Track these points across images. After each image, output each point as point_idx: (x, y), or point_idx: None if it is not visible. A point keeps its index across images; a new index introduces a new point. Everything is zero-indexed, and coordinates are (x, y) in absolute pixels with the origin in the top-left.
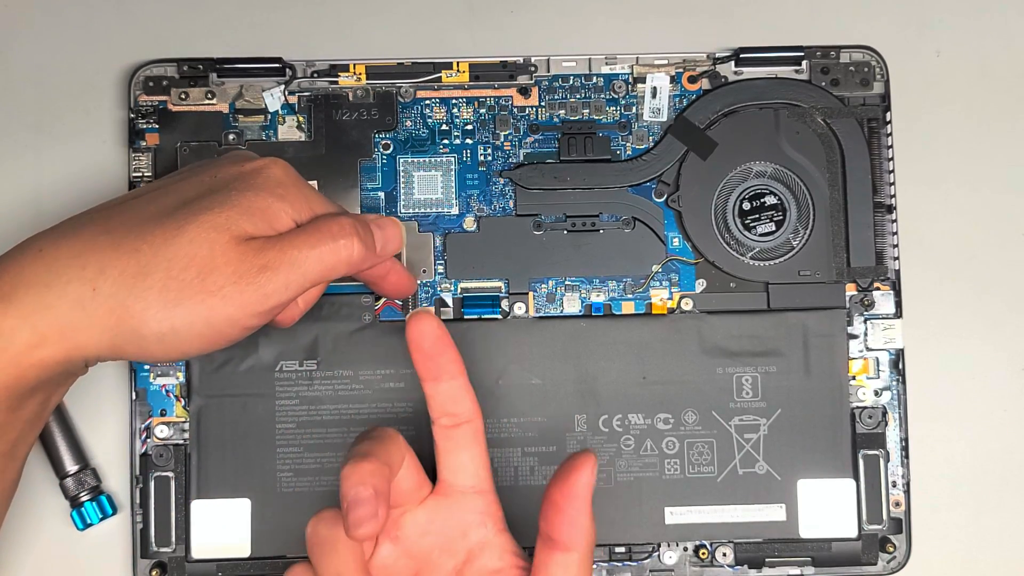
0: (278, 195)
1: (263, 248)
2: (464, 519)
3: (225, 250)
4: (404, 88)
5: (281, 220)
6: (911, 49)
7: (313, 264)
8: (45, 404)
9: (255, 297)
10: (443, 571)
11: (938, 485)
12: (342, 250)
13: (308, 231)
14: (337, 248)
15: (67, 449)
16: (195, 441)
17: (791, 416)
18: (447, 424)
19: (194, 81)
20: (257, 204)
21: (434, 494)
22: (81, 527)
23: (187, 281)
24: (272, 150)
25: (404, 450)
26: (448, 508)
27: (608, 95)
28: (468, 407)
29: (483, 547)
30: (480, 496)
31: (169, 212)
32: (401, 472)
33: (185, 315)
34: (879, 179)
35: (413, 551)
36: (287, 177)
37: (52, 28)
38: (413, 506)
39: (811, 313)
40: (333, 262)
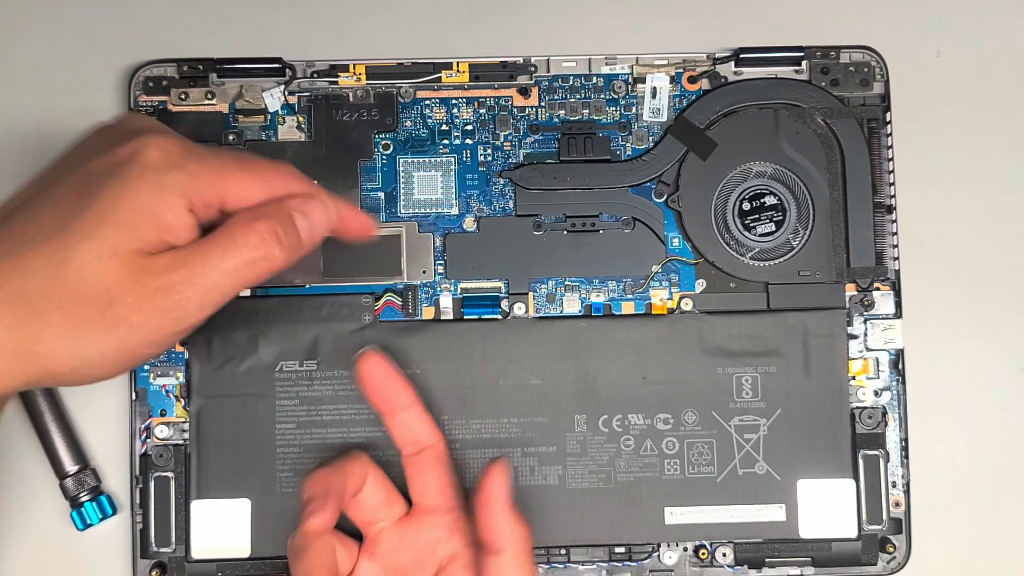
0: (161, 188)
1: (167, 268)
2: (433, 535)
3: (119, 279)
4: (404, 88)
5: (172, 223)
6: (911, 49)
7: (229, 280)
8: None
9: (166, 321)
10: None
11: (938, 485)
12: (260, 263)
13: (220, 242)
14: (255, 261)
15: (67, 449)
16: (195, 441)
17: (791, 416)
18: (410, 452)
19: (194, 81)
20: (138, 211)
21: (407, 515)
22: (81, 527)
23: (87, 317)
24: (272, 150)
25: (367, 466)
26: (418, 527)
27: (608, 95)
28: (426, 433)
29: (451, 559)
30: (447, 514)
31: (46, 235)
32: (368, 488)
33: (94, 348)
34: (879, 179)
35: (390, 567)
36: (168, 158)
37: (52, 28)
38: (388, 523)
39: (811, 313)
40: (251, 275)
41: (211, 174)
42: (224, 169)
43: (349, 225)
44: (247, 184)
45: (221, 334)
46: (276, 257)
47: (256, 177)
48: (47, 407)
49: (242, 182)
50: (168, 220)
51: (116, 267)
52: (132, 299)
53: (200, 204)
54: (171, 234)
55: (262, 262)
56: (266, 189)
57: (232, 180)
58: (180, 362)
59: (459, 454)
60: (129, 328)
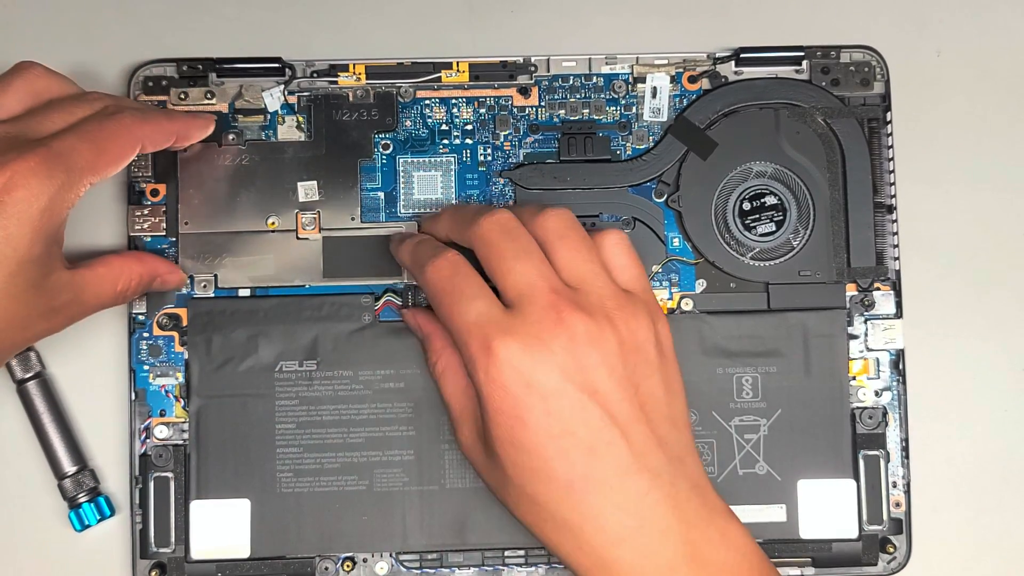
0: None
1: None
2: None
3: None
4: (404, 88)
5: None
6: (911, 49)
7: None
8: None
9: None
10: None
11: (938, 485)
12: (120, 299)
13: (100, 277)
14: (117, 297)
15: (65, 450)
16: (194, 441)
17: (791, 416)
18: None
19: (194, 81)
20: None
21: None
22: (79, 528)
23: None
24: (272, 150)
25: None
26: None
27: (608, 95)
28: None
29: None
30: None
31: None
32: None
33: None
34: (879, 179)
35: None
36: (41, 189)
37: (52, 28)
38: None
39: (811, 313)
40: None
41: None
42: (80, 165)
43: (168, 281)
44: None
45: (221, 334)
46: (134, 286)
47: (110, 155)
48: (46, 407)
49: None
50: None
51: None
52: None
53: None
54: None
55: (123, 296)
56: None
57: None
58: (180, 362)
59: (459, 454)
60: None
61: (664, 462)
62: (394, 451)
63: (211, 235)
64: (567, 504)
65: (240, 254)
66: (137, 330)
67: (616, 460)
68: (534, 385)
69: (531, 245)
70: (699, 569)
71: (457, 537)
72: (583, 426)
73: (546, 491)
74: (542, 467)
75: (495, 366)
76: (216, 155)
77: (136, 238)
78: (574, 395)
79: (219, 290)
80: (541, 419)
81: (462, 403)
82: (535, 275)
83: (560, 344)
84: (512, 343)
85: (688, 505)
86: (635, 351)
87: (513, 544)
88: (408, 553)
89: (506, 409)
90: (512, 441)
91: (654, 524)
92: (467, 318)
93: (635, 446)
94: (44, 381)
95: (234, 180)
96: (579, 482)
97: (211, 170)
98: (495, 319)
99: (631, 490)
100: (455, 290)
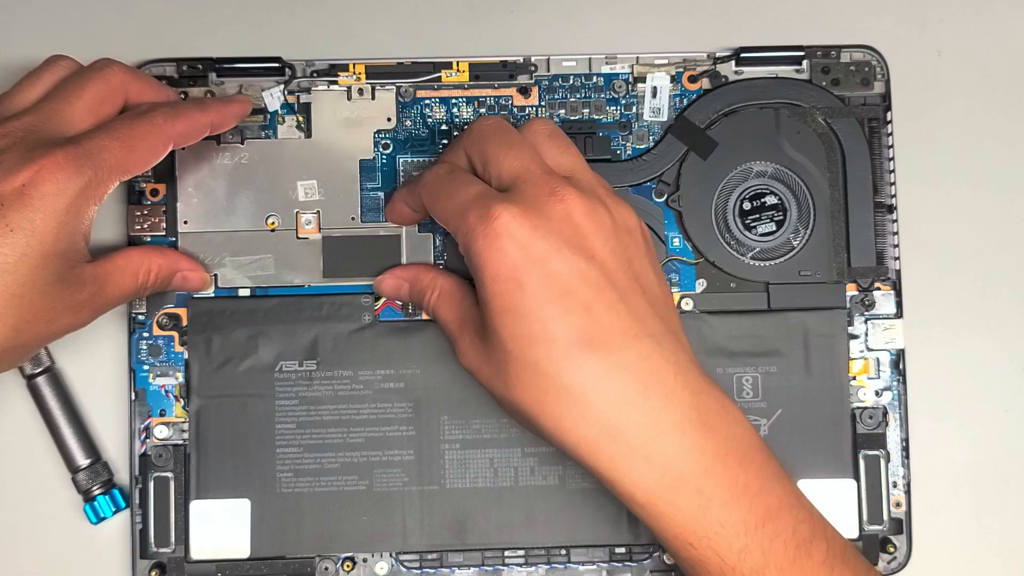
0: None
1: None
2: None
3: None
4: (404, 88)
5: (77, 256)
6: (912, 48)
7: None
8: None
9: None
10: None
11: (939, 485)
12: (142, 291)
13: (121, 269)
14: (139, 289)
15: (78, 443)
16: (194, 441)
17: (792, 416)
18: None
19: (194, 81)
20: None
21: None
22: (95, 521)
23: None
24: (271, 148)
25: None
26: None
27: (608, 95)
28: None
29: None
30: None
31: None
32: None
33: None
34: (880, 179)
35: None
36: (68, 184)
37: (52, 28)
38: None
39: (812, 313)
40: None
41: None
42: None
43: (189, 280)
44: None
45: (221, 334)
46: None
47: (140, 151)
48: (57, 402)
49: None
50: (78, 253)
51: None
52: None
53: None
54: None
55: (143, 288)
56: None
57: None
58: (180, 362)
59: (459, 454)
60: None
61: (663, 331)
62: (394, 451)
63: (210, 234)
64: (567, 367)
65: (240, 254)
66: (137, 330)
67: (617, 322)
68: (532, 248)
69: (522, 140)
70: (709, 434)
71: (457, 537)
72: (582, 285)
73: (547, 356)
74: (541, 331)
75: (494, 231)
76: (215, 154)
77: (136, 238)
78: (572, 257)
79: (219, 290)
80: (539, 281)
81: (459, 314)
82: (528, 160)
83: (557, 213)
84: (512, 207)
85: (689, 373)
86: (626, 232)
87: (513, 543)
88: (408, 553)
89: (504, 274)
90: (510, 308)
91: (658, 387)
92: (466, 196)
93: (634, 311)
94: (54, 375)
95: (233, 179)
96: (580, 343)
97: (210, 169)
98: (492, 194)
99: (633, 352)
100: (453, 181)
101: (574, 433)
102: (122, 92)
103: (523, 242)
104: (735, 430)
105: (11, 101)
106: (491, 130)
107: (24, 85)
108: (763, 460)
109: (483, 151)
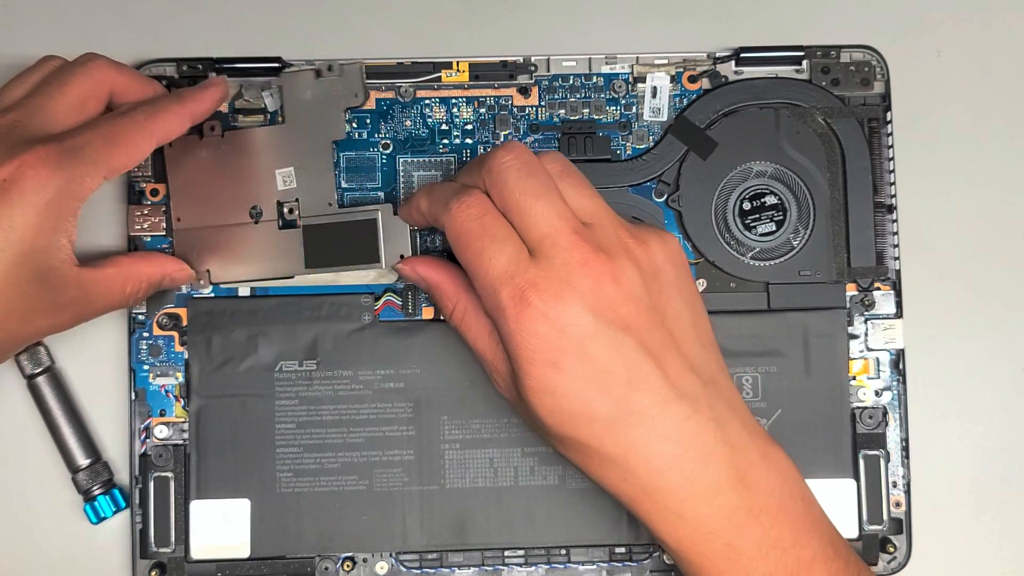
0: (40, 218)
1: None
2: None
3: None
4: (404, 88)
5: (60, 255)
6: (911, 49)
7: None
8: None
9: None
10: None
11: (939, 485)
12: (130, 300)
13: (108, 278)
14: (127, 300)
15: (78, 443)
16: (194, 441)
17: (792, 416)
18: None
19: (193, 81)
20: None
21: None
22: (95, 521)
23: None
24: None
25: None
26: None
27: (608, 95)
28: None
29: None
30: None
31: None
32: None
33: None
34: (879, 179)
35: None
36: (50, 180)
37: (52, 28)
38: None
39: (811, 313)
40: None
41: (86, 170)
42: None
43: (177, 279)
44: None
45: (221, 334)
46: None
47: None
48: (57, 402)
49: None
50: (61, 253)
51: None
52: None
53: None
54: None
55: (135, 298)
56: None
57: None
58: (180, 362)
59: (459, 454)
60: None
61: (699, 386)
62: (394, 451)
63: (202, 230)
64: (611, 440)
65: (229, 248)
66: (137, 330)
67: (655, 390)
68: (567, 329)
69: (549, 182)
70: (744, 491)
71: (457, 537)
72: (619, 361)
73: (589, 432)
74: (582, 409)
75: (527, 315)
76: (199, 149)
77: (136, 238)
78: (608, 333)
79: (216, 288)
80: (578, 363)
81: (491, 346)
82: (556, 217)
83: (587, 286)
84: (544, 290)
85: (729, 427)
86: (655, 277)
87: (513, 543)
88: (408, 553)
89: (539, 357)
90: (547, 389)
91: (697, 449)
92: (497, 265)
93: (670, 374)
94: (54, 375)
95: (218, 172)
96: (621, 417)
97: (196, 164)
98: (523, 267)
99: (672, 418)
100: (485, 233)
101: (616, 488)
102: (107, 86)
103: (558, 325)
104: (774, 481)
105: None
106: (514, 173)
107: (12, 84)
108: (801, 511)
109: (506, 197)
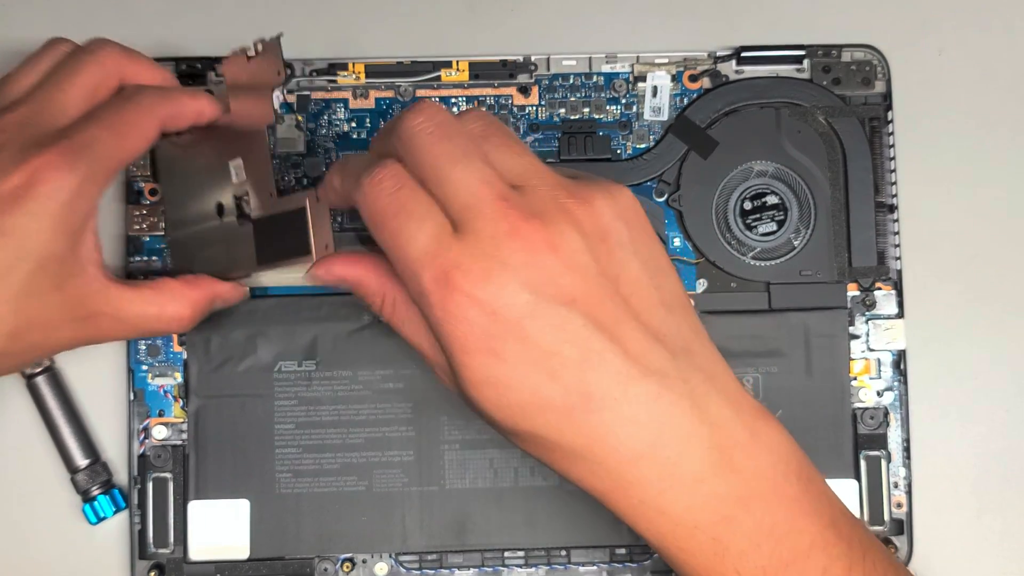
0: (56, 231)
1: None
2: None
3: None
4: (403, 87)
5: (82, 265)
6: (913, 48)
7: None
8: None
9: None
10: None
11: (940, 486)
12: (173, 323)
13: (143, 297)
14: (172, 322)
15: (77, 443)
16: (193, 442)
17: (792, 416)
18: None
19: (193, 80)
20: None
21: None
22: (94, 521)
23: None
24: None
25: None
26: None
27: (608, 94)
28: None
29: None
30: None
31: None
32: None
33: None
34: (881, 178)
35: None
36: (64, 184)
37: (52, 28)
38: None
39: (813, 313)
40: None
41: (95, 174)
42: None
43: (230, 300)
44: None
45: (219, 334)
46: (186, 316)
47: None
48: (56, 402)
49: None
50: (82, 264)
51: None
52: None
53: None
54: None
55: (174, 324)
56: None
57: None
58: (178, 362)
59: (459, 454)
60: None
61: (667, 358)
62: (393, 451)
63: (189, 231)
64: (571, 430)
65: (205, 247)
66: None
67: (613, 369)
68: (501, 311)
69: (468, 144)
70: (731, 476)
71: (457, 537)
72: (566, 340)
73: (543, 423)
74: (530, 399)
75: (453, 300)
76: (174, 148)
77: (135, 238)
78: (549, 310)
79: None
80: (518, 348)
81: (429, 338)
82: (478, 182)
83: (519, 259)
84: (471, 269)
85: (707, 403)
86: (602, 239)
87: (513, 544)
88: (408, 554)
89: (474, 345)
90: (488, 381)
91: (672, 432)
92: (417, 245)
93: (630, 348)
94: (54, 375)
95: (191, 171)
96: (579, 403)
97: (173, 164)
98: (445, 245)
99: (638, 398)
100: (401, 210)
101: (584, 482)
102: (117, 74)
103: (490, 307)
104: (765, 461)
105: (8, 89)
106: (426, 137)
107: (21, 71)
108: (797, 492)
109: (421, 165)
